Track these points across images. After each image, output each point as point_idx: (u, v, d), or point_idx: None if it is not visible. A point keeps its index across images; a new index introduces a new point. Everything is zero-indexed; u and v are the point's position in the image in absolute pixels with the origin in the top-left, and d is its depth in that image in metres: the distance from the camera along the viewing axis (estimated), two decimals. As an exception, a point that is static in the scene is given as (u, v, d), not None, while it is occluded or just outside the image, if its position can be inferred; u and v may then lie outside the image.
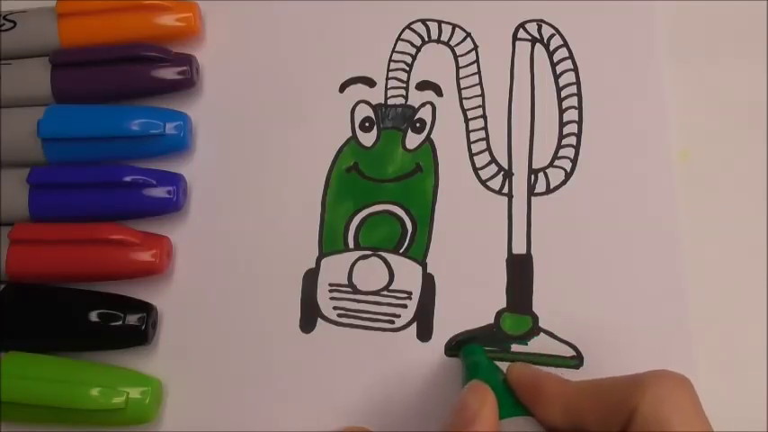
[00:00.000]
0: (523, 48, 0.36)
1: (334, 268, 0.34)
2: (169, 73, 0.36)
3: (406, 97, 0.36)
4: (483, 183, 0.35)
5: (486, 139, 0.35)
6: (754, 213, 0.34)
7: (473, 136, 0.35)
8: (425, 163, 0.35)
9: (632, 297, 0.32)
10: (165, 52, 0.36)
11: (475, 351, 0.31)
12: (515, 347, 0.32)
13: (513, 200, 0.34)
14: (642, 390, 0.24)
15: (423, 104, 0.36)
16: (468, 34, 0.37)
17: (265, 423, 0.32)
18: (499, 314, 0.33)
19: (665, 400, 0.24)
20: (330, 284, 0.34)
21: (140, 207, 0.34)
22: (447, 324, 0.33)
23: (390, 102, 0.36)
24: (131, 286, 0.34)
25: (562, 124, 0.35)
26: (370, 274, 0.34)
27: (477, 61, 0.36)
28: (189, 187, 0.36)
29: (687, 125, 0.35)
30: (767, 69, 0.35)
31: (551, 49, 0.36)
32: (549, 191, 0.34)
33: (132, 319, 0.32)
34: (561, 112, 0.35)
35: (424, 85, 0.36)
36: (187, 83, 0.36)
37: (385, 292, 0.33)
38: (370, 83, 0.36)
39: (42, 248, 0.33)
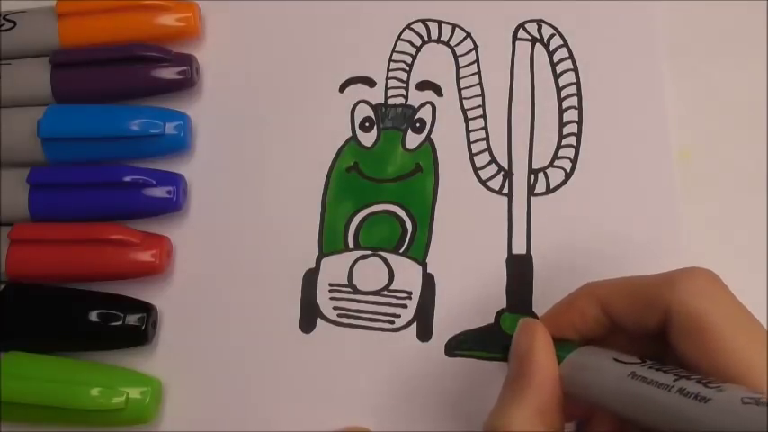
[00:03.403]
0: (523, 48, 0.36)
1: (335, 268, 0.34)
2: (169, 73, 0.36)
3: (406, 97, 0.36)
4: (483, 183, 0.35)
5: (486, 139, 0.35)
6: (754, 213, 0.34)
7: (473, 136, 0.35)
8: (425, 163, 0.35)
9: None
10: (165, 52, 0.36)
11: None
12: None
13: (513, 200, 0.34)
14: (672, 285, 0.23)
15: (423, 104, 0.36)
16: (468, 34, 0.37)
17: (265, 423, 0.32)
18: (499, 314, 0.33)
19: (698, 293, 0.23)
20: (330, 284, 0.34)
21: (140, 207, 0.34)
22: (447, 324, 0.33)
23: (390, 102, 0.36)
24: (131, 286, 0.34)
25: (562, 124, 0.35)
26: (370, 274, 0.34)
27: (477, 61, 0.36)
28: (189, 187, 0.36)
29: (687, 125, 0.35)
30: (767, 69, 0.35)
31: (551, 49, 0.36)
32: (549, 191, 0.34)
33: (132, 319, 0.32)
34: (561, 112, 0.35)
35: (424, 85, 0.36)
36: (187, 83, 0.36)
37: (385, 292, 0.33)
38: (370, 83, 0.36)
39: (42, 248, 0.33)
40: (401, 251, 0.34)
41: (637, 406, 0.22)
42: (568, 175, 0.34)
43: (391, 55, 0.37)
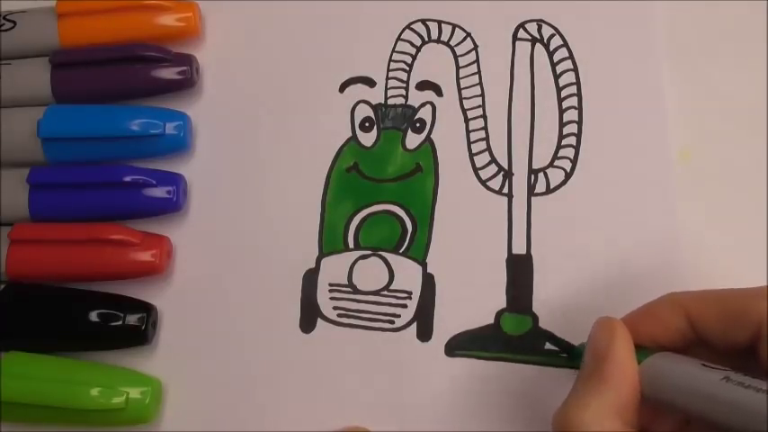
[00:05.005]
0: (523, 48, 0.36)
1: (335, 268, 0.34)
2: (169, 73, 0.36)
3: (406, 97, 0.36)
4: (483, 183, 0.35)
5: (486, 139, 0.35)
6: (754, 213, 0.34)
7: (473, 136, 0.35)
8: (425, 163, 0.35)
9: (632, 297, 0.32)
10: (165, 52, 0.36)
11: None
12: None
13: (513, 200, 0.34)
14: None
15: (423, 104, 0.36)
16: (468, 34, 0.37)
17: (265, 423, 0.32)
18: (499, 314, 0.33)
19: None
20: (330, 284, 0.34)
21: (140, 207, 0.34)
22: (447, 324, 0.33)
23: (390, 102, 0.36)
24: (131, 286, 0.34)
25: (562, 124, 0.35)
26: (370, 273, 0.34)
27: (477, 61, 0.36)
28: (189, 187, 0.36)
29: (687, 125, 0.35)
30: (767, 69, 0.35)
31: (551, 49, 0.36)
32: (549, 191, 0.34)
33: (132, 319, 0.32)
34: (561, 112, 0.35)
35: (423, 85, 0.36)
36: (187, 83, 0.36)
37: (385, 292, 0.33)
38: (370, 83, 0.36)
39: (42, 248, 0.33)
40: (401, 251, 0.34)
41: (733, 410, 0.22)
42: (568, 175, 0.34)
43: (391, 55, 0.37)
